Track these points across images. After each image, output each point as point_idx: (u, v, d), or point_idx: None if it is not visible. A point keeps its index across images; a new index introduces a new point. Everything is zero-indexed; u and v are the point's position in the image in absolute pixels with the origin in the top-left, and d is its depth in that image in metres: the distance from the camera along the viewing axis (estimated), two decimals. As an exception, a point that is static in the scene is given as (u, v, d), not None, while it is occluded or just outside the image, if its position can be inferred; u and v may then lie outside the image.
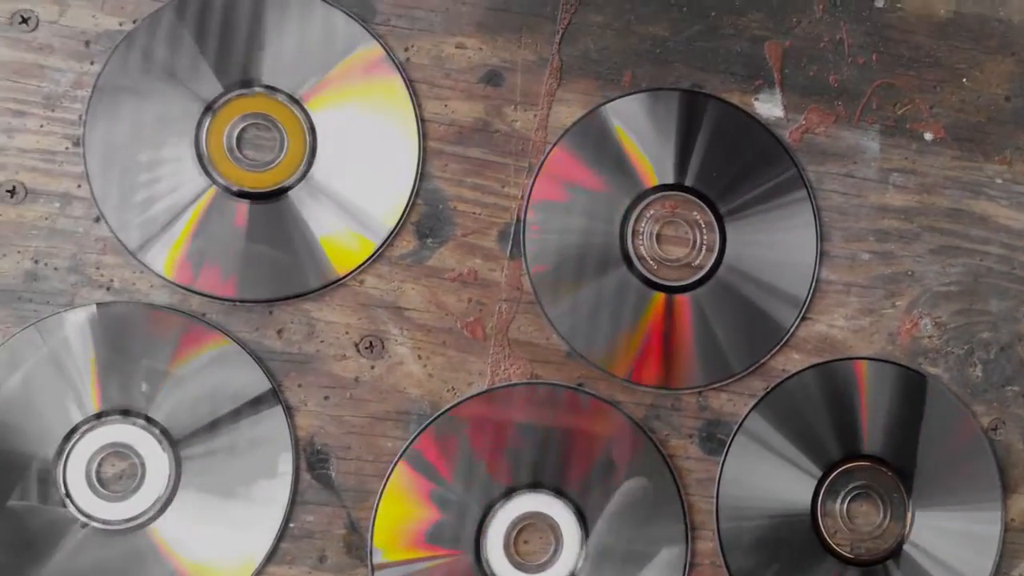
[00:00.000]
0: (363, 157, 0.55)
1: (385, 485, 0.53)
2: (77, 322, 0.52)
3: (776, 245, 0.57)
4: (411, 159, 0.55)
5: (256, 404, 0.52)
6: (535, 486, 0.53)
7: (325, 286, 0.54)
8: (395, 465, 0.53)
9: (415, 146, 0.55)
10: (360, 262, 0.54)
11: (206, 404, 0.52)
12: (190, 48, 0.53)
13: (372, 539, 0.53)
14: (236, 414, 0.52)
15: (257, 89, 0.54)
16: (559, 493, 0.54)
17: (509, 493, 0.53)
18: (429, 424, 0.53)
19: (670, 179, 0.57)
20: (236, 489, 0.52)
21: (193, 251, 0.53)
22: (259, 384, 0.52)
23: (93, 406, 0.51)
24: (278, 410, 0.52)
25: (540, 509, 0.53)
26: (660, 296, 0.56)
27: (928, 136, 0.59)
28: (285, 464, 0.52)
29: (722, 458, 0.55)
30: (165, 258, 0.52)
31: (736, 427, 0.55)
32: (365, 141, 0.55)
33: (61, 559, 0.50)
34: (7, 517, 0.50)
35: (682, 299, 0.56)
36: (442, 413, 0.53)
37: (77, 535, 0.50)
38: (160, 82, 0.53)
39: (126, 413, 0.52)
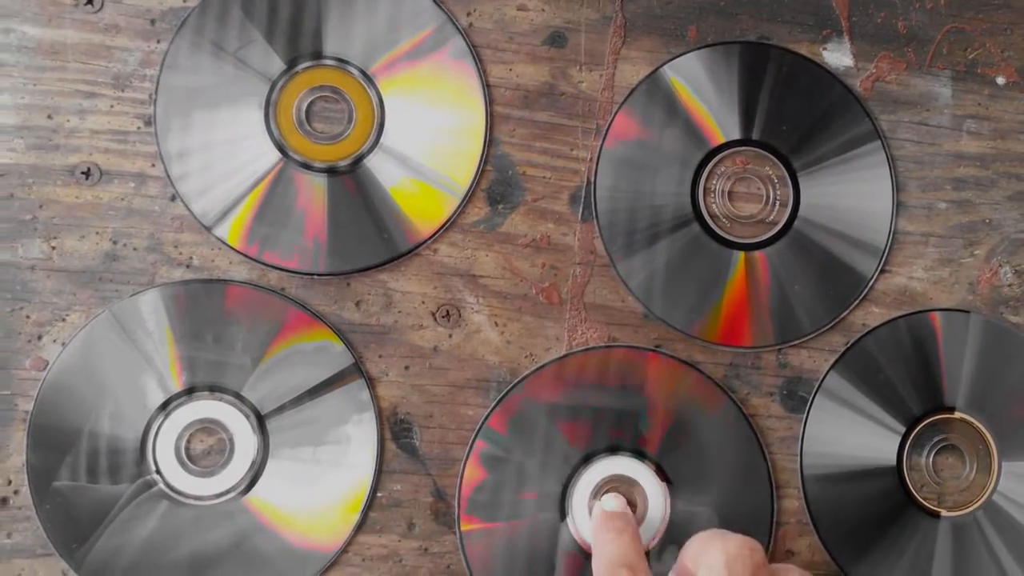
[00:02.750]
0: (431, 126, 0.54)
1: (469, 453, 0.53)
2: (158, 300, 0.52)
3: (851, 196, 0.56)
4: (478, 125, 0.54)
5: (340, 377, 0.52)
6: (615, 449, 0.53)
7: (400, 255, 0.54)
8: (477, 433, 0.53)
9: (482, 112, 0.55)
10: (440, 224, 0.54)
11: (291, 378, 0.52)
12: (254, 22, 0.53)
13: (459, 505, 0.53)
14: (320, 387, 0.52)
15: (323, 62, 0.54)
16: (640, 455, 0.54)
17: (589, 458, 0.53)
18: (507, 393, 0.53)
19: (739, 135, 0.56)
20: (323, 461, 0.52)
21: (268, 226, 0.53)
22: (342, 357, 0.52)
23: (176, 384, 0.52)
24: (361, 382, 0.52)
25: (622, 471, 0.54)
26: (735, 254, 0.55)
27: (1000, 80, 0.58)
28: (370, 435, 0.52)
29: (804, 416, 0.55)
30: (241, 234, 0.52)
31: (817, 384, 0.55)
32: (432, 109, 0.54)
33: (152, 531, 0.51)
34: (96, 496, 0.50)
35: (757, 256, 0.55)
36: (520, 381, 0.53)
37: (163, 509, 0.51)
38: (226, 58, 0.53)
39: (212, 389, 0.52)
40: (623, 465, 0.53)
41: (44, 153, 0.53)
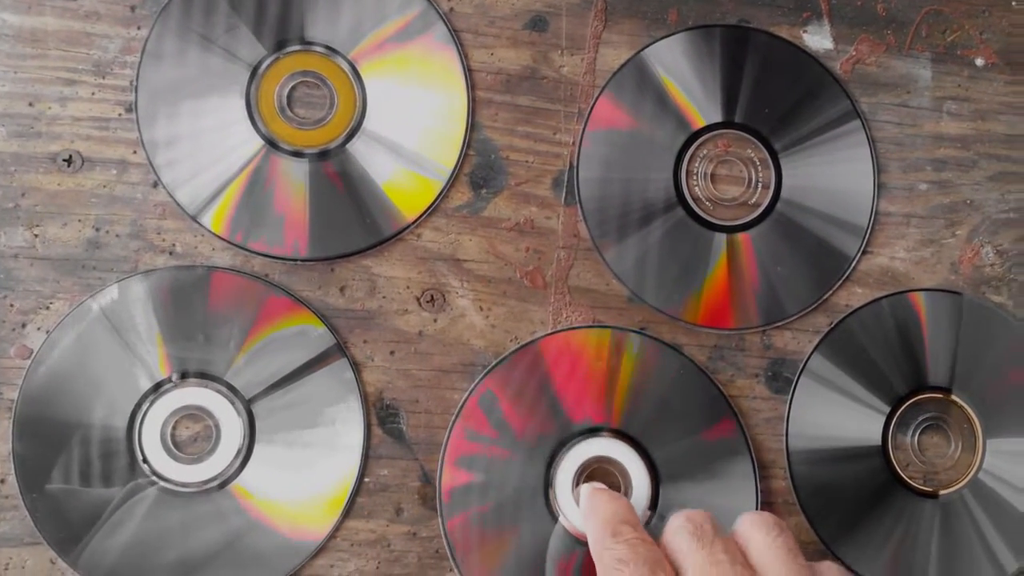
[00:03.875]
0: (413, 111, 0.54)
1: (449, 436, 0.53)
2: (141, 288, 0.52)
3: (833, 177, 0.56)
4: (461, 110, 0.55)
5: (323, 358, 0.52)
6: (597, 431, 0.54)
7: (384, 240, 0.54)
8: (456, 417, 0.53)
9: (464, 97, 0.55)
10: (423, 209, 0.54)
11: (274, 362, 0.52)
12: (234, 8, 0.53)
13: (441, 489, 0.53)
14: (303, 369, 0.52)
15: (304, 47, 0.54)
16: (622, 436, 0.54)
17: (570, 439, 0.54)
18: (488, 373, 0.53)
19: (720, 118, 0.56)
20: (309, 444, 0.52)
21: (251, 212, 0.53)
22: (324, 338, 0.52)
23: (162, 371, 0.51)
24: (344, 362, 0.52)
25: (606, 453, 0.54)
26: (718, 236, 0.55)
27: (980, 62, 0.58)
28: (356, 420, 0.52)
29: (789, 397, 0.55)
30: (225, 221, 0.52)
31: (801, 365, 0.55)
32: (414, 94, 0.54)
33: (141, 523, 0.51)
34: (81, 487, 0.50)
35: (741, 238, 0.56)
36: (498, 363, 0.53)
37: (152, 498, 0.51)
38: (207, 45, 0.53)
39: (197, 376, 0.52)
40: (603, 446, 0.54)
41: (25, 141, 0.53)
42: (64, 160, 0.53)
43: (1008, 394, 0.56)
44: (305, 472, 0.52)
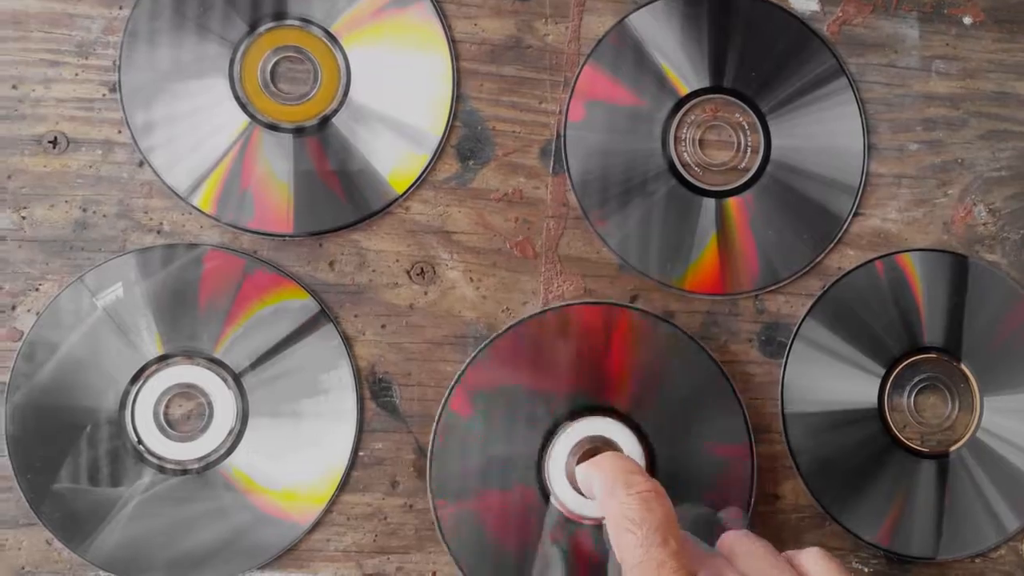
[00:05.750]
0: (398, 83, 0.54)
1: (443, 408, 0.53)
2: (130, 267, 0.52)
3: (822, 136, 0.56)
4: (446, 81, 0.54)
5: (310, 326, 0.52)
6: (592, 410, 0.53)
7: (373, 214, 0.53)
8: (452, 389, 0.53)
9: (448, 68, 0.54)
10: (411, 182, 0.54)
11: (262, 335, 0.52)
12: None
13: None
14: (291, 338, 0.52)
15: (285, 22, 0.53)
16: (615, 414, 0.53)
17: (559, 424, 0.53)
18: (483, 349, 0.53)
19: (708, 83, 0.56)
20: (303, 419, 0.52)
21: (238, 189, 0.52)
22: (309, 306, 0.52)
23: (155, 349, 0.51)
24: (330, 328, 0.52)
25: (598, 432, 0.53)
26: (709, 202, 0.55)
27: (967, 20, 0.58)
28: (349, 392, 0.52)
29: (784, 361, 0.55)
30: (211, 198, 0.52)
31: (795, 329, 0.55)
32: (398, 67, 0.54)
33: (139, 505, 0.51)
34: (78, 470, 0.50)
35: (731, 203, 0.55)
36: (491, 340, 0.53)
37: (149, 478, 0.51)
38: (188, 23, 0.53)
39: (187, 354, 0.52)
40: (597, 426, 0.53)
41: (11, 123, 0.53)
42: (49, 142, 0.53)
43: (1004, 353, 0.55)
44: (299, 446, 0.52)
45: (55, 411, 0.51)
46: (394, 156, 0.54)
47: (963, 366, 0.55)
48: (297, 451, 0.52)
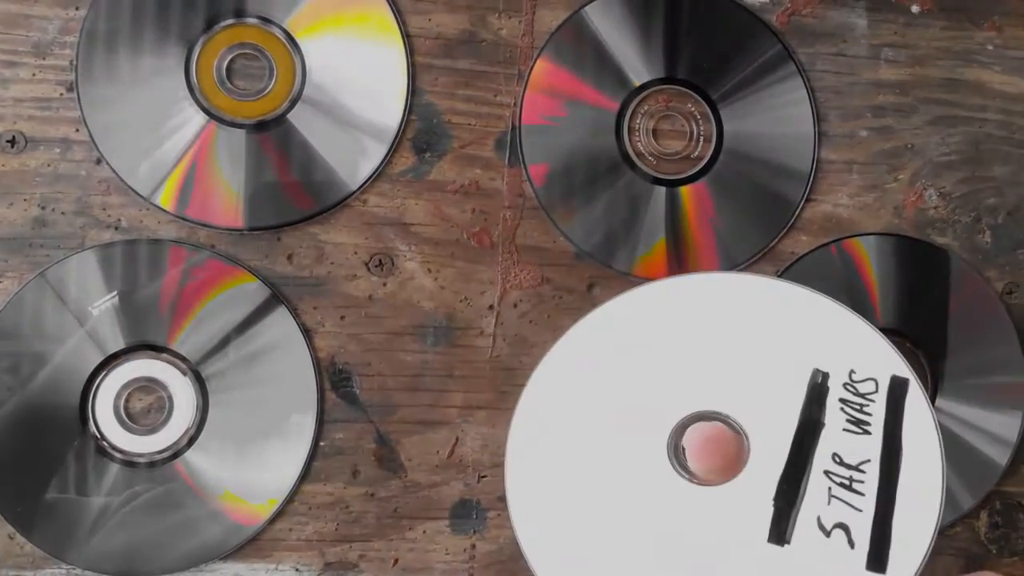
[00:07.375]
0: (354, 78, 0.55)
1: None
2: (89, 264, 0.52)
3: (772, 123, 0.57)
4: (401, 75, 0.55)
5: (263, 310, 0.53)
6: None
7: (330, 208, 0.54)
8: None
9: (403, 62, 0.55)
10: (367, 175, 0.54)
11: (217, 324, 0.52)
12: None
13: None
14: (245, 324, 0.52)
15: (242, 20, 0.54)
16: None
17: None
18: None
19: (661, 74, 0.57)
20: (263, 407, 0.52)
21: (196, 185, 0.53)
22: (260, 291, 0.53)
23: (111, 344, 0.52)
24: (283, 311, 0.53)
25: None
26: (663, 191, 0.56)
27: (915, 8, 0.59)
28: (310, 385, 0.53)
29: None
30: (169, 194, 0.53)
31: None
32: (354, 62, 0.55)
33: (104, 498, 0.51)
34: (42, 468, 0.51)
35: (685, 191, 0.56)
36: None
37: (113, 472, 0.51)
38: (145, 21, 0.53)
39: (145, 347, 0.52)
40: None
41: (-32, 124, 0.55)
42: (8, 141, 0.54)
43: (956, 332, 0.56)
44: (260, 437, 0.52)
45: (15, 407, 0.51)
46: (351, 150, 0.54)
47: (915, 347, 0.57)
48: (258, 441, 0.52)
